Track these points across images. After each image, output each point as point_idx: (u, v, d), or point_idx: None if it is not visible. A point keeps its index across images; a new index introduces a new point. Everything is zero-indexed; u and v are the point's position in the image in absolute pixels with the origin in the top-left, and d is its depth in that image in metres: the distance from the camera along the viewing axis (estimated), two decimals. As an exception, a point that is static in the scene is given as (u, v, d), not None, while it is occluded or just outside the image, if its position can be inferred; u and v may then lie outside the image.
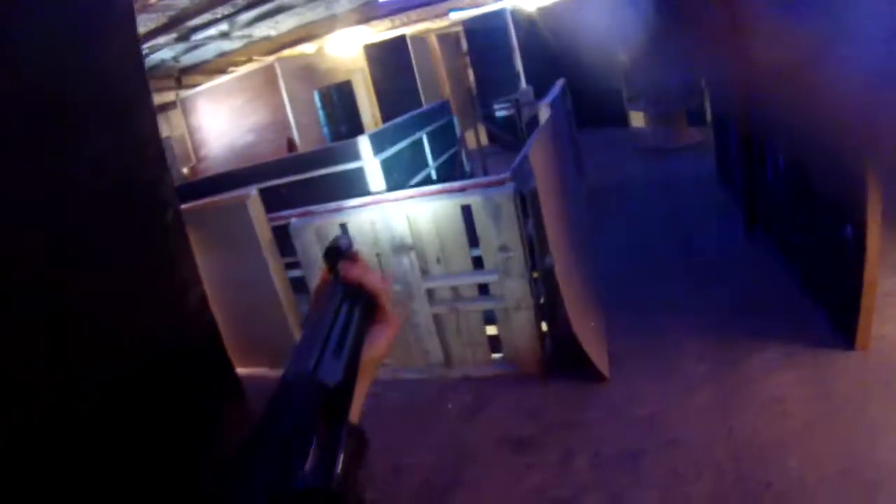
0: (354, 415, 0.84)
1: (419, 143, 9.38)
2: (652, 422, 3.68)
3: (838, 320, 4.06)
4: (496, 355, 4.61)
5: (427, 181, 8.98)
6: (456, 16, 13.96)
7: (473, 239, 4.34)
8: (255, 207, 4.71)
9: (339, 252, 0.97)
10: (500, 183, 4.17)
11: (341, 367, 0.77)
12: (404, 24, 13.64)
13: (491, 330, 4.60)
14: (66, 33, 0.74)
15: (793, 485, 2.96)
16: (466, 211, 4.31)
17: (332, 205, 4.58)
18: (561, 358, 4.39)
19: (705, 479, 3.14)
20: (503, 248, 4.16)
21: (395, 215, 4.32)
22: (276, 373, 4.45)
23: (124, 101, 0.84)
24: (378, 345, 0.94)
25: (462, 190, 4.34)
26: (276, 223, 4.86)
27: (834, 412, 3.39)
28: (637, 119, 12.49)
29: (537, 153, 4.11)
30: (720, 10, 4.94)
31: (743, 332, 4.29)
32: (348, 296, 0.91)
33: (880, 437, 3.11)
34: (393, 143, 8.24)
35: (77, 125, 0.74)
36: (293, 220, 4.73)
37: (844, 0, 3.30)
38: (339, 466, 0.66)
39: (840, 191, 3.83)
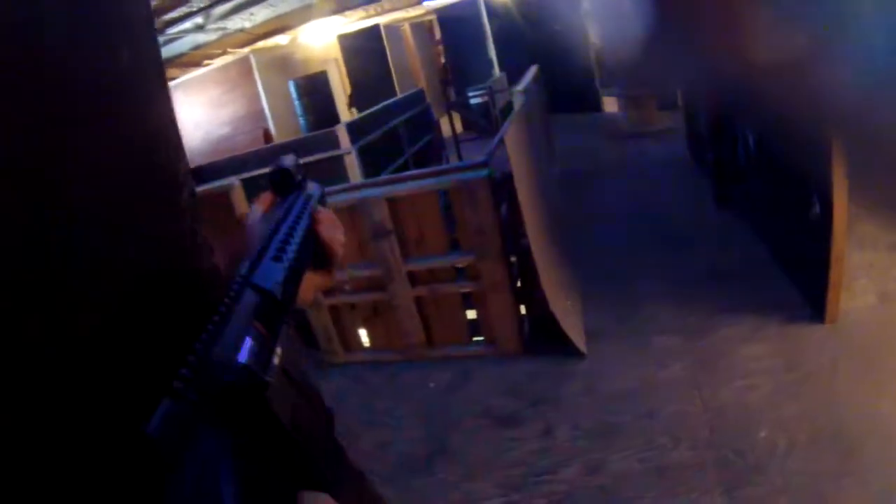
0: None
1: (395, 131, 9.47)
2: (628, 395, 3.79)
3: (808, 293, 4.17)
4: (477, 338, 4.72)
5: (404, 168, 9.07)
6: (429, 4, 14.01)
7: (451, 221, 4.45)
8: (238, 197, 4.78)
9: (287, 173, 0.97)
10: (476, 167, 4.27)
11: (281, 270, 0.76)
12: (378, 14, 13.67)
13: (471, 311, 4.71)
14: (106, 32, 0.84)
15: (764, 452, 3.08)
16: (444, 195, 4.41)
17: (313, 192, 4.65)
18: (539, 336, 4.51)
19: (681, 449, 3.26)
20: (480, 230, 4.27)
21: (375, 200, 4.41)
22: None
23: (150, 93, 0.94)
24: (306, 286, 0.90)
25: (439, 174, 4.44)
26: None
27: (803, 383, 3.50)
28: (610, 104, 12.61)
29: (512, 138, 4.22)
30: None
31: (715, 306, 4.42)
32: (298, 217, 0.90)
33: (848, 406, 3.22)
34: (370, 132, 8.33)
35: (117, 114, 0.84)
36: (274, 208, 4.80)
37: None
38: (277, 360, 0.63)
39: (808, 166, 3.95)
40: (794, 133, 4.14)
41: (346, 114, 14.34)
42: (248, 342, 0.60)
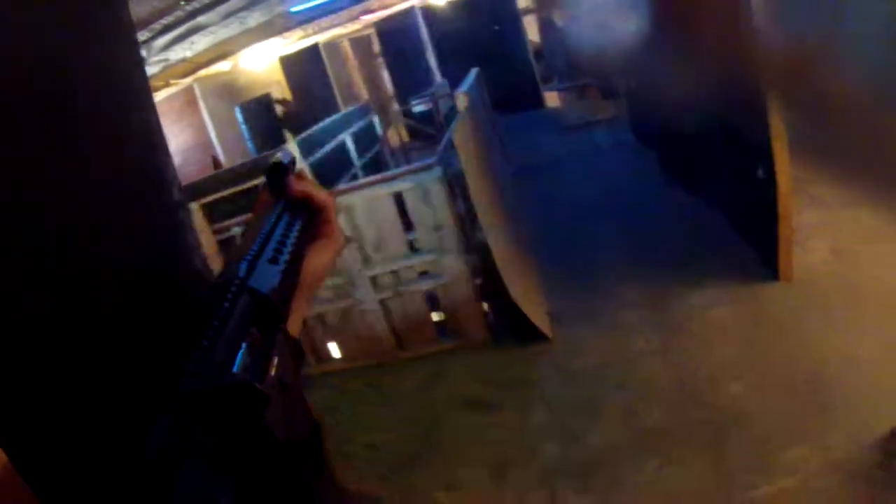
0: (294, 327, 0.79)
1: (343, 144, 9.53)
2: (599, 369, 3.92)
3: (763, 254, 4.32)
4: (444, 334, 4.83)
5: (354, 180, 9.13)
6: (367, 18, 14.06)
7: (408, 223, 4.56)
8: (198, 221, 4.84)
9: (283, 168, 0.92)
10: (429, 167, 4.38)
11: (278, 274, 0.73)
12: (316, 33, 13.66)
13: (436, 308, 4.82)
14: (91, 39, 0.93)
15: (739, 403, 3.22)
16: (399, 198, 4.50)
17: (271, 208, 4.71)
18: (504, 325, 4.63)
19: (658, 412, 3.39)
20: (437, 228, 4.38)
21: (333, 210, 4.48)
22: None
23: (137, 96, 1.02)
24: (322, 258, 0.91)
25: (393, 178, 4.53)
26: (221, 237, 5.02)
27: (770, 336, 3.68)
28: (552, 99, 12.76)
29: (460, 136, 4.33)
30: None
31: (677, 277, 4.55)
32: (290, 209, 0.88)
33: (814, 353, 3.39)
34: (319, 147, 8.39)
35: (112, 117, 0.93)
36: (236, 227, 4.88)
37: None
38: (273, 370, 0.61)
39: (748, 131, 4.11)
40: (732, 102, 4.31)
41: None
42: (243, 352, 0.59)
